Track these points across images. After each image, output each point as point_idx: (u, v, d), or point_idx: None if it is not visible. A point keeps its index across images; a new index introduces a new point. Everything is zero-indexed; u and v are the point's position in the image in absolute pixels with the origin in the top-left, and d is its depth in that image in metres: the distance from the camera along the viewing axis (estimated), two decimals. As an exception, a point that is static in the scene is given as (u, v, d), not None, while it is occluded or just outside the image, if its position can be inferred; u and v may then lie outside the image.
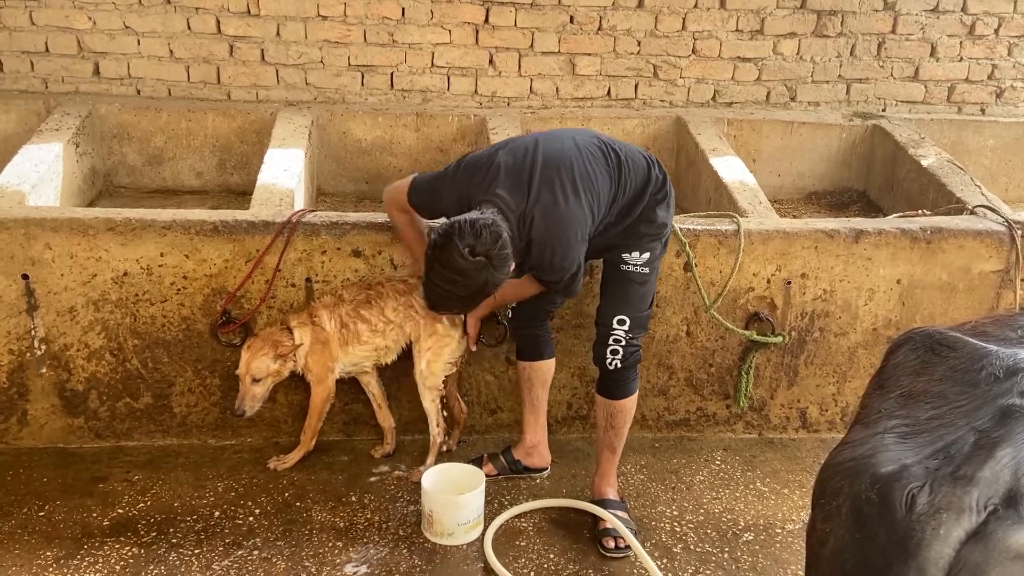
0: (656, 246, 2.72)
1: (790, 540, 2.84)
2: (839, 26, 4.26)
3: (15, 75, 4.03)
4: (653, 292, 2.79)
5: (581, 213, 2.51)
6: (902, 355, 1.65)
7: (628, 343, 2.73)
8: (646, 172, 2.68)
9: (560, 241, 2.50)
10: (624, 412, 2.82)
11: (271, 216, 3.01)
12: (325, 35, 4.06)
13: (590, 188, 2.54)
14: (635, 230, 2.68)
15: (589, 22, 4.14)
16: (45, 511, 2.80)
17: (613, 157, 2.63)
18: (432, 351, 2.90)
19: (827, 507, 1.50)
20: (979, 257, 3.21)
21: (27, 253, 2.88)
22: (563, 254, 2.51)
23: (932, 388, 1.54)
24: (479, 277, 2.36)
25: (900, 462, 1.42)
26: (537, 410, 3.02)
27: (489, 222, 2.37)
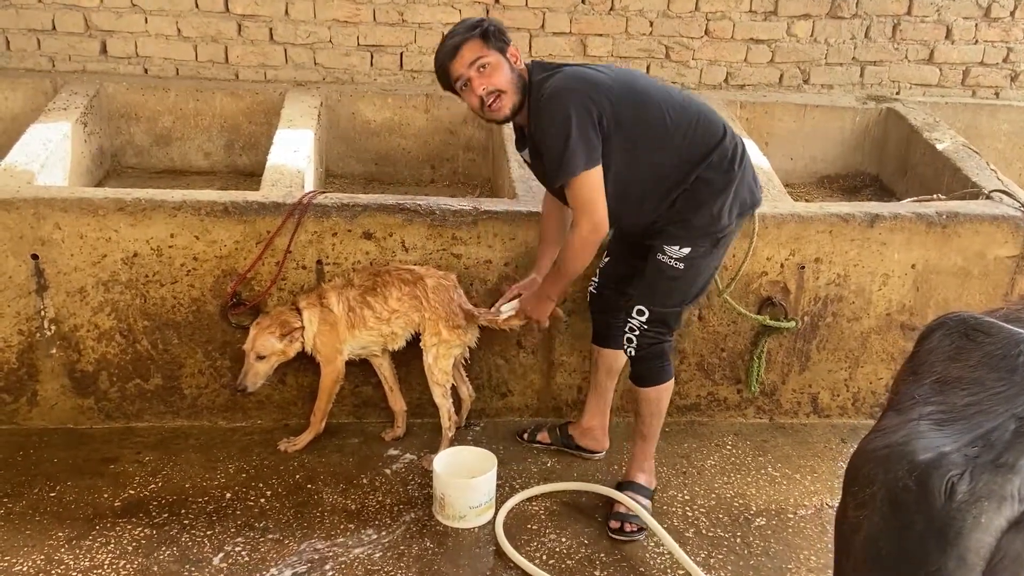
0: (703, 243, 2.55)
1: (802, 525, 2.83)
2: (854, 7, 4.21)
3: (22, 53, 4.00)
4: (688, 290, 2.62)
5: (588, 91, 2.41)
6: (935, 340, 1.63)
7: (643, 333, 2.65)
8: (707, 134, 2.51)
9: (559, 100, 2.40)
10: (646, 401, 2.76)
11: (281, 197, 2.99)
12: (334, 14, 4.02)
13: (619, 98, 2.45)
14: (684, 218, 2.53)
15: (601, 2, 4.09)
16: (56, 492, 2.80)
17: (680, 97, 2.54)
18: (438, 348, 2.88)
19: (860, 495, 1.48)
20: (995, 242, 3.18)
21: (36, 233, 2.86)
22: (559, 113, 2.39)
23: (968, 374, 1.52)
24: (468, 21, 2.49)
25: (938, 449, 1.40)
26: (598, 394, 3.01)
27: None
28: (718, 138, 2.54)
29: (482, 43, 2.45)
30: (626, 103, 2.48)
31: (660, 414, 2.79)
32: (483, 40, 2.46)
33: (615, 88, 2.49)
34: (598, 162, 2.44)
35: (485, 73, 2.45)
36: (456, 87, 2.52)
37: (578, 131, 2.39)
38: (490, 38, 2.46)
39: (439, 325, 2.86)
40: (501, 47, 2.49)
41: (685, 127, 2.52)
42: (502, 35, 2.50)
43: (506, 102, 2.48)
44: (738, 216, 2.59)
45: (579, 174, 2.42)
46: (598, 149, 2.43)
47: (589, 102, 2.42)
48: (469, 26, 2.49)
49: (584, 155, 2.40)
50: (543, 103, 2.44)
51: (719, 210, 2.53)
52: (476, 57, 2.44)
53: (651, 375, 2.73)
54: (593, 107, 2.42)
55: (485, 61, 2.45)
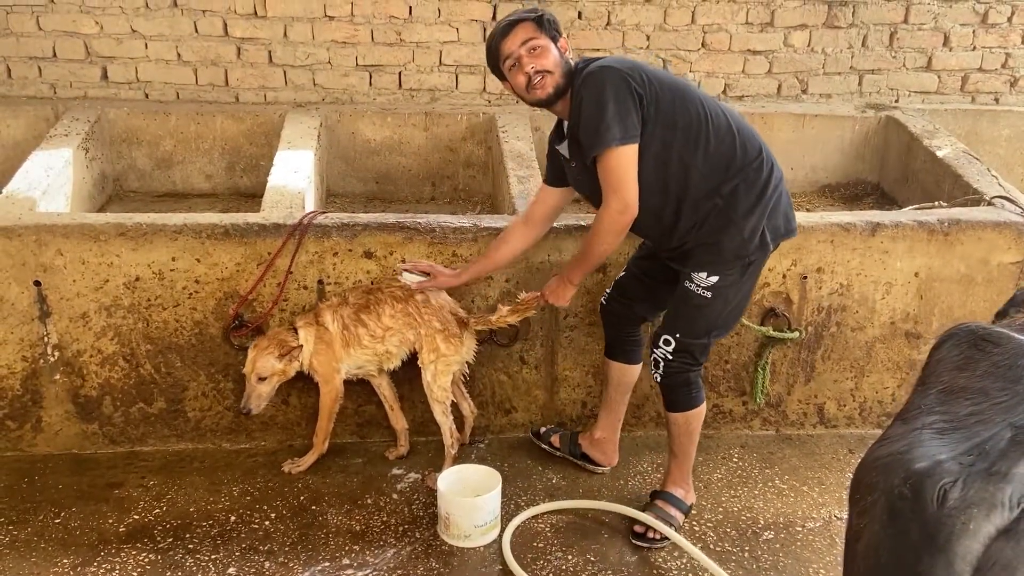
0: (732, 271, 2.50)
1: (811, 538, 2.81)
2: (850, 17, 4.22)
3: (23, 81, 4.03)
4: (716, 320, 2.57)
5: (631, 70, 2.41)
6: (945, 350, 1.63)
7: (668, 363, 2.63)
8: (743, 148, 2.46)
9: (601, 74, 2.39)
10: (675, 423, 2.74)
11: (282, 218, 2.99)
12: (332, 35, 4.05)
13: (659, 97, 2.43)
14: (715, 240, 2.47)
15: (597, 17, 4.11)
16: (61, 518, 2.80)
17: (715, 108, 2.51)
18: (436, 364, 2.87)
19: (862, 503, 1.49)
20: (998, 248, 3.17)
21: (39, 260, 2.87)
22: (599, 85, 2.37)
23: (973, 384, 1.52)
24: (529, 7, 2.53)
25: (934, 458, 1.40)
26: (609, 409, 2.99)
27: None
28: (754, 154, 2.48)
29: (535, 26, 2.48)
30: (667, 90, 2.44)
31: (691, 435, 2.76)
32: (537, 24, 2.48)
33: (660, 77, 2.48)
34: (635, 140, 2.39)
35: (536, 54, 2.47)
36: (504, 67, 2.53)
37: (616, 104, 2.36)
38: (544, 24, 2.49)
39: (436, 339, 2.85)
40: (553, 35, 2.51)
41: (724, 132, 2.47)
42: (555, 25, 2.52)
43: (550, 81, 2.47)
44: (771, 241, 2.52)
45: (614, 146, 2.36)
46: (636, 127, 2.38)
47: (631, 80, 2.39)
48: (526, 10, 2.53)
49: (621, 129, 2.36)
50: (585, 78, 2.42)
51: (750, 232, 2.47)
52: (529, 38, 2.47)
53: (679, 402, 2.71)
54: (635, 84, 2.39)
55: (536, 43, 2.47)
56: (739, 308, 2.64)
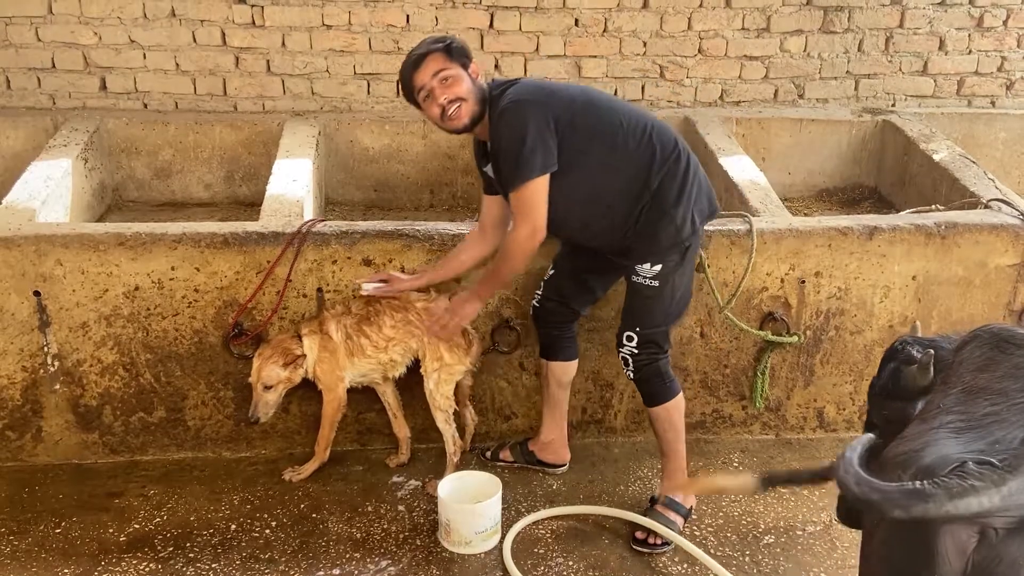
0: (672, 256, 2.61)
1: (811, 542, 2.81)
2: (846, 22, 4.24)
3: (22, 92, 4.05)
4: (668, 307, 2.68)
5: (543, 98, 2.52)
6: (968, 351, 1.65)
7: (636, 358, 2.70)
8: (660, 143, 2.57)
9: (516, 108, 2.49)
10: (657, 419, 2.78)
11: (281, 227, 3.00)
12: (330, 44, 4.06)
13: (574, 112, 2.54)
14: (651, 232, 2.58)
15: (594, 24, 4.13)
16: (62, 528, 2.80)
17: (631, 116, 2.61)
18: (439, 373, 2.87)
19: None
20: (995, 251, 3.17)
21: (38, 270, 2.88)
22: (516, 120, 2.48)
23: (993, 385, 1.54)
24: (434, 36, 2.60)
25: (942, 454, 1.42)
26: (553, 408, 3.02)
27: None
28: (671, 147, 2.60)
29: (445, 56, 2.54)
30: (582, 109, 2.58)
31: (675, 429, 2.79)
32: (446, 54, 2.54)
33: (570, 94, 2.60)
34: (550, 169, 2.51)
35: (447, 84, 2.53)
36: (418, 98, 2.58)
37: (533, 138, 2.47)
38: (453, 53, 2.55)
39: (439, 348, 2.86)
40: (463, 62, 2.57)
41: (640, 134, 2.58)
42: (465, 52, 2.59)
43: (465, 110, 2.55)
44: (700, 224, 2.65)
45: (530, 181, 2.48)
46: (552, 155, 2.50)
47: (545, 108, 2.51)
48: (434, 40, 2.59)
49: (538, 161, 2.48)
50: (501, 112, 2.52)
51: (682, 219, 2.58)
52: (439, 69, 2.53)
53: (655, 394, 2.76)
54: (549, 112, 2.51)
55: (448, 73, 2.53)
56: (687, 291, 2.74)
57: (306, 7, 3.99)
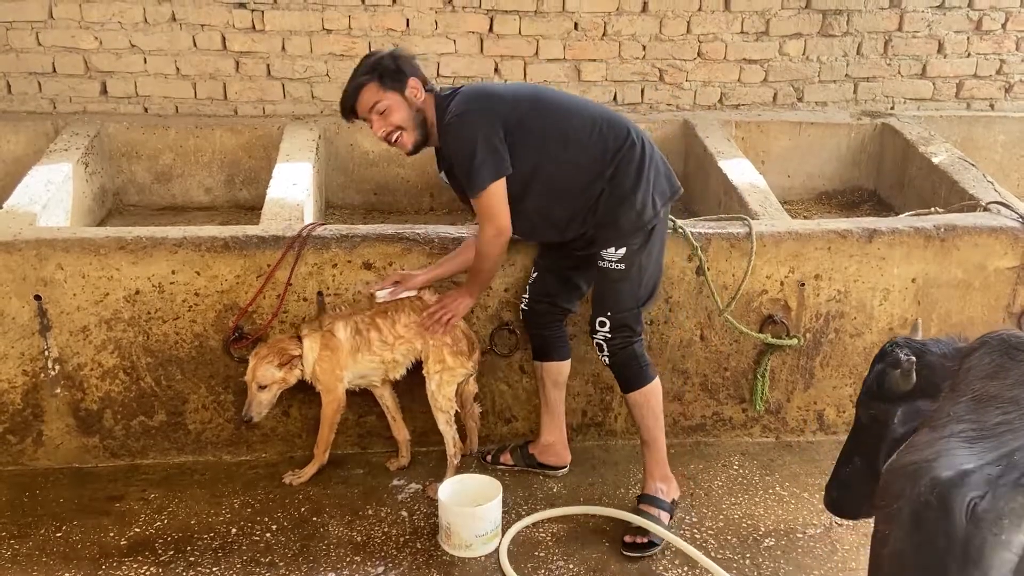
0: (636, 239, 2.65)
1: (812, 545, 2.81)
2: (845, 25, 4.24)
3: (23, 96, 4.05)
4: (637, 289, 2.71)
5: (488, 104, 2.58)
6: (976, 359, 1.64)
7: (610, 342, 2.74)
8: (612, 132, 2.62)
9: (462, 118, 2.56)
10: (636, 405, 2.81)
11: (281, 231, 3.01)
12: (330, 48, 4.07)
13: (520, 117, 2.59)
14: (612, 219, 2.62)
15: (593, 28, 4.14)
16: (62, 532, 2.80)
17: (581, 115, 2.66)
18: (440, 375, 2.88)
19: (888, 509, 1.50)
20: (994, 254, 3.18)
21: (39, 274, 2.88)
22: (464, 131, 2.55)
23: (1004, 393, 1.53)
24: (380, 53, 2.65)
25: (960, 467, 1.41)
26: (551, 409, 3.03)
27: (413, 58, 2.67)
28: (623, 135, 2.64)
29: (378, 87, 2.61)
30: (528, 108, 2.64)
31: (655, 415, 2.81)
32: (379, 84, 2.60)
33: (515, 96, 2.66)
34: (504, 173, 2.58)
35: (384, 115, 2.62)
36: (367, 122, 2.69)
37: (483, 146, 2.54)
38: (386, 81, 2.60)
39: (443, 352, 2.87)
40: (398, 86, 2.60)
41: (590, 125, 2.63)
42: (398, 73, 2.61)
43: (407, 138, 2.66)
44: (662, 206, 2.69)
45: (486, 187, 2.56)
46: (504, 160, 2.57)
47: (491, 114, 2.57)
48: (367, 68, 2.63)
49: (490, 169, 2.55)
50: (447, 126, 2.60)
51: (641, 203, 2.63)
52: (374, 102, 2.61)
53: (631, 378, 2.78)
54: (495, 118, 2.56)
55: (383, 105, 2.61)
56: (656, 272, 2.77)
57: (306, 11, 4.00)
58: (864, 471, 2.25)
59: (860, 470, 2.27)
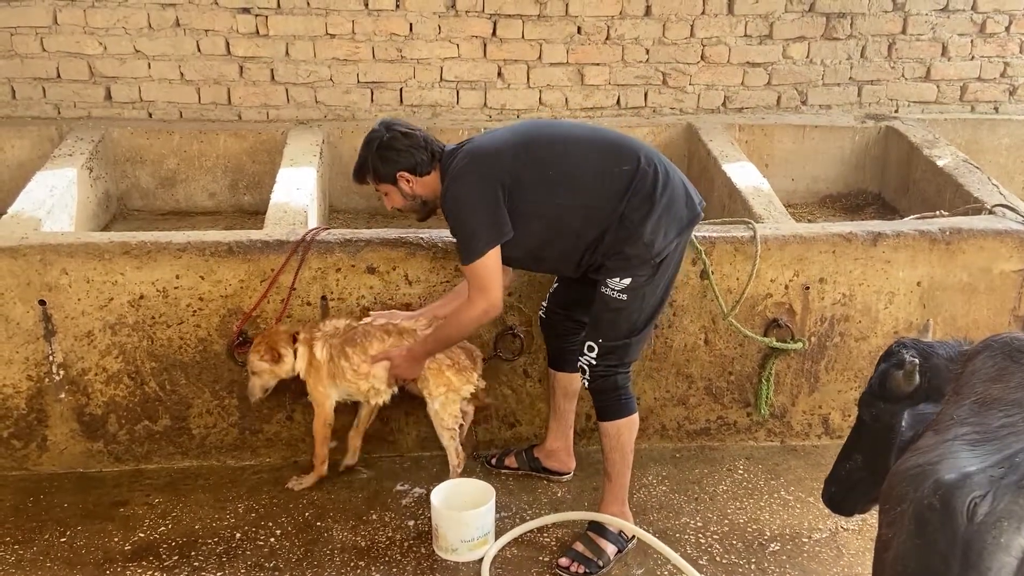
0: (643, 271, 2.53)
1: (817, 550, 2.80)
2: (849, 28, 4.24)
3: (27, 102, 4.06)
4: (636, 321, 2.59)
5: (484, 166, 2.54)
6: (979, 362, 1.64)
7: (593, 369, 2.63)
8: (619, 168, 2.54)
9: (457, 184, 2.54)
10: (606, 435, 2.68)
11: (285, 235, 3.01)
12: (334, 53, 4.08)
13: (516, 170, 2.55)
14: (619, 250, 2.53)
15: (597, 32, 4.14)
16: (67, 537, 2.80)
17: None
18: (445, 396, 2.80)
19: (891, 512, 1.50)
20: (1000, 257, 3.17)
21: (43, 279, 2.89)
22: (458, 198, 2.53)
23: (1007, 396, 1.53)
24: (371, 145, 2.63)
25: (963, 470, 1.41)
26: (558, 417, 3.02)
27: (420, 135, 2.64)
28: (633, 167, 2.53)
29: (373, 180, 2.66)
30: (532, 159, 2.55)
31: (623, 451, 2.68)
32: (374, 178, 2.65)
33: (516, 147, 2.57)
34: (502, 239, 2.51)
35: (386, 197, 2.72)
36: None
37: (478, 213, 2.51)
38: (379, 177, 2.64)
39: (445, 373, 2.78)
40: (391, 177, 2.63)
41: (595, 164, 2.55)
42: (387, 171, 2.61)
43: (412, 216, 2.76)
44: (676, 236, 2.57)
45: (481, 256, 2.50)
46: (502, 225, 2.51)
47: (489, 177, 2.52)
48: (356, 168, 2.68)
49: (485, 238, 2.50)
50: (446, 189, 2.58)
51: (651, 236, 2.52)
52: (375, 187, 2.71)
53: (609, 408, 2.68)
54: (494, 180, 2.51)
55: (380, 191, 2.71)
56: (658, 306, 2.67)
57: (310, 16, 4.01)
58: (863, 469, 2.25)
59: (859, 467, 2.27)
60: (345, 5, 4.00)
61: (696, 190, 2.68)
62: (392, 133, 2.62)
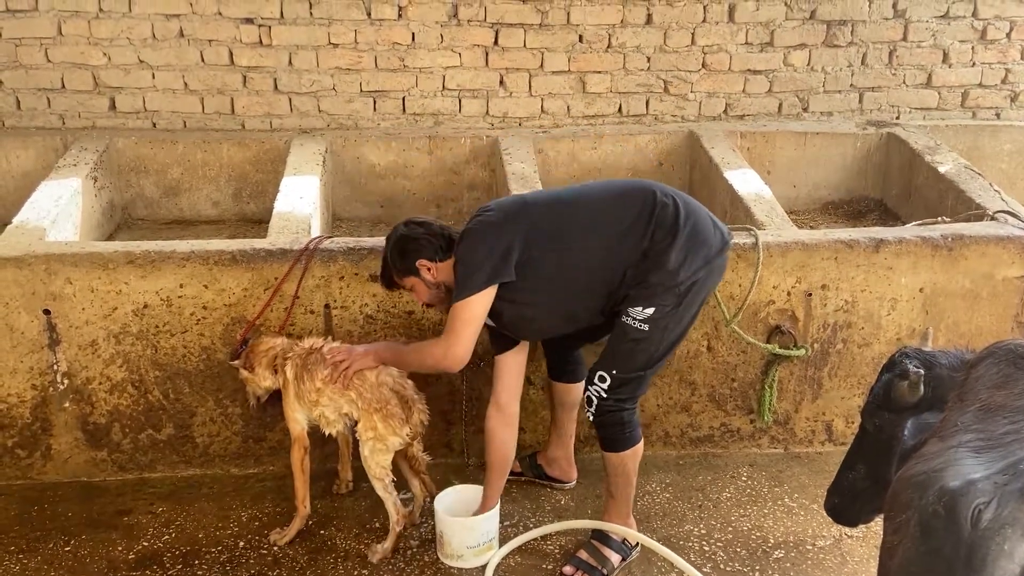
0: (666, 300, 2.48)
1: (821, 557, 2.79)
2: (849, 35, 4.25)
3: (32, 112, 4.09)
4: (653, 353, 2.53)
5: (495, 226, 2.54)
6: (983, 368, 1.64)
7: (602, 401, 2.56)
8: (634, 212, 2.52)
9: (467, 239, 2.55)
10: (610, 464, 2.65)
11: (288, 244, 3.02)
12: (336, 62, 4.10)
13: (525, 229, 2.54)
14: (644, 279, 2.49)
15: (598, 40, 4.15)
16: (71, 546, 2.80)
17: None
18: (372, 442, 2.63)
19: (896, 520, 1.50)
20: (1002, 263, 3.17)
21: (48, 288, 2.90)
22: (466, 248, 2.53)
23: (1012, 402, 1.53)
24: (390, 241, 2.64)
25: (967, 477, 1.41)
26: (558, 427, 3.02)
27: (436, 224, 2.65)
28: (648, 208, 2.51)
29: (397, 276, 2.65)
30: (545, 217, 2.55)
31: (627, 477, 2.67)
32: (397, 274, 2.64)
33: (537, 200, 2.61)
34: (500, 280, 2.48)
35: (412, 292, 2.69)
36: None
37: (484, 254, 2.49)
38: (399, 275, 2.63)
39: (373, 417, 2.61)
40: (409, 270, 2.61)
41: (611, 213, 2.54)
42: (406, 265, 2.60)
43: (440, 307, 2.71)
44: (703, 266, 2.52)
45: (475, 293, 2.47)
46: (502, 268, 2.48)
47: (509, 222, 2.53)
48: (381, 270, 2.69)
49: (483, 276, 2.48)
50: (464, 232, 2.59)
51: (676, 264, 2.48)
52: (400, 286, 2.69)
53: (614, 441, 2.63)
54: (514, 231, 2.51)
55: (406, 287, 2.68)
56: (675, 341, 2.59)
57: (312, 26, 4.03)
58: (866, 478, 2.25)
59: (862, 477, 2.27)
60: (348, 15, 4.02)
61: (722, 223, 2.65)
62: (409, 227, 2.64)
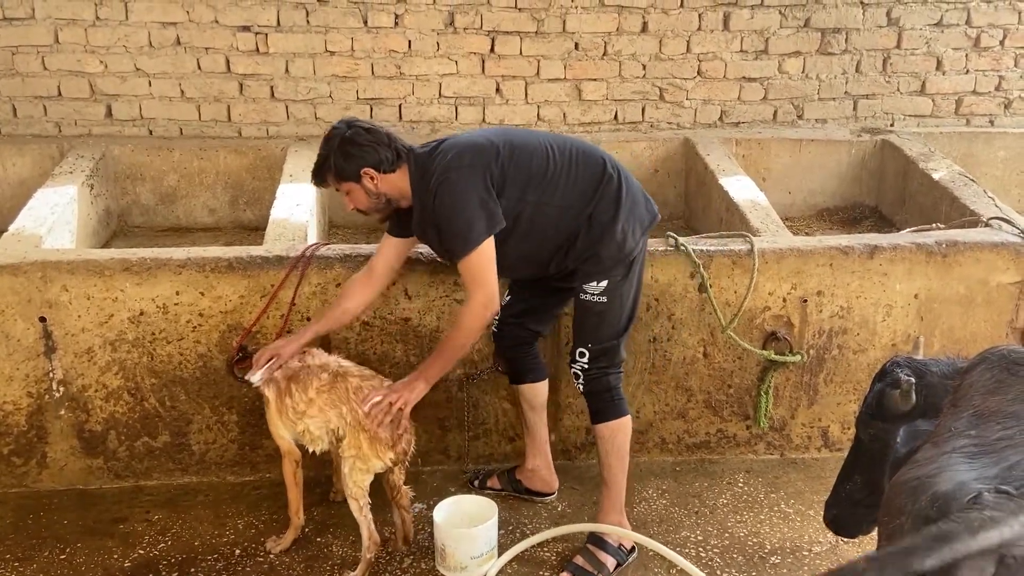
0: (617, 271, 2.59)
1: (817, 563, 2.79)
2: (844, 43, 4.28)
3: (28, 120, 4.09)
4: (618, 321, 2.64)
5: (474, 159, 2.49)
6: (977, 374, 1.65)
7: (586, 372, 2.67)
8: (590, 171, 2.58)
9: (450, 176, 2.47)
10: (602, 439, 2.70)
11: (285, 251, 3.02)
12: (333, 70, 4.11)
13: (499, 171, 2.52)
14: (593, 253, 2.57)
15: (594, 48, 4.17)
16: (67, 554, 2.79)
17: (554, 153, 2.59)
18: (354, 460, 2.59)
19: (890, 525, 1.50)
20: (996, 269, 3.18)
21: (44, 296, 2.90)
22: (453, 189, 2.47)
23: (1005, 408, 1.54)
24: (333, 141, 2.55)
25: (958, 480, 1.41)
26: (532, 433, 2.99)
27: (383, 131, 2.57)
28: (599, 171, 2.60)
29: (334, 179, 2.57)
30: (509, 157, 2.54)
31: (619, 455, 2.70)
32: (335, 177, 2.56)
33: (495, 146, 2.55)
34: (497, 228, 2.49)
35: (348, 196, 2.62)
36: None
37: (474, 205, 2.46)
38: (340, 176, 2.55)
39: (360, 436, 2.55)
40: (354, 175, 2.53)
41: (569, 166, 2.59)
42: (349, 168, 2.52)
43: (374, 215, 2.66)
44: (641, 235, 2.65)
45: (478, 246, 2.46)
46: (496, 214, 2.48)
47: (477, 169, 2.48)
48: (316, 167, 2.60)
49: (483, 227, 2.46)
50: (436, 189, 2.48)
51: (621, 235, 2.57)
52: (336, 187, 2.62)
53: (604, 409, 2.70)
54: (484, 172, 2.49)
55: (342, 190, 2.62)
56: (635, 304, 2.71)
57: (309, 33, 4.04)
58: (864, 489, 2.25)
59: (860, 488, 2.27)
60: (344, 23, 4.04)
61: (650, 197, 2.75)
62: (354, 129, 2.54)
